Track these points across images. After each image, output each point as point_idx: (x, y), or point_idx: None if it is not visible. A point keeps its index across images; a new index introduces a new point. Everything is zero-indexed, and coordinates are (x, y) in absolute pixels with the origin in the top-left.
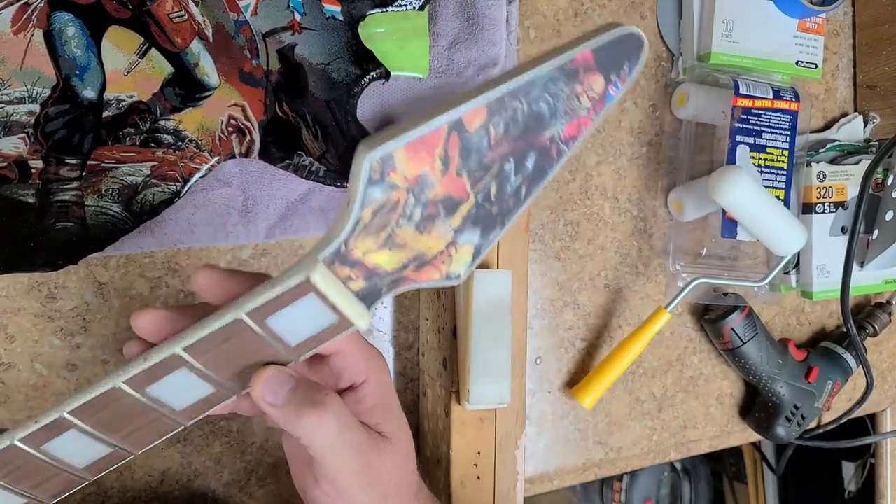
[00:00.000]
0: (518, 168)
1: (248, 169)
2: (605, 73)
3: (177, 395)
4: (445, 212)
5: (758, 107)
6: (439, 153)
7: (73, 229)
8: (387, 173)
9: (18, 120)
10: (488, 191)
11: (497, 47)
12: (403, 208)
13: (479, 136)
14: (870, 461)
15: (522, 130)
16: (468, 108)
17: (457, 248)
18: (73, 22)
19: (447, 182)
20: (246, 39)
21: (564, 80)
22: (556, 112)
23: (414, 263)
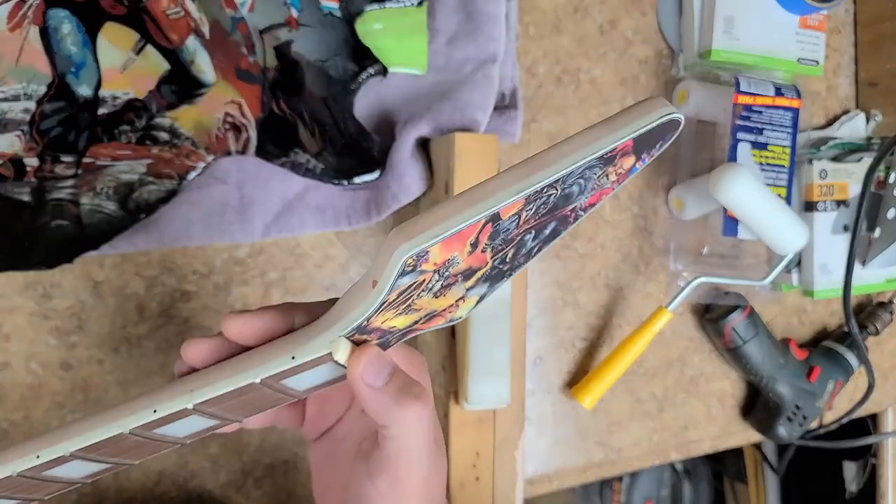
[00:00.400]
0: (537, 235)
1: (244, 166)
2: (637, 154)
3: (182, 430)
4: (463, 279)
5: (759, 104)
6: (471, 240)
7: (69, 228)
8: (420, 265)
9: (14, 117)
10: (505, 256)
11: (496, 43)
12: (426, 285)
13: (510, 221)
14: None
15: (551, 209)
16: (509, 202)
17: (465, 300)
18: (69, 18)
19: (471, 259)
20: (242, 36)
21: (601, 166)
22: (585, 190)
23: (425, 318)
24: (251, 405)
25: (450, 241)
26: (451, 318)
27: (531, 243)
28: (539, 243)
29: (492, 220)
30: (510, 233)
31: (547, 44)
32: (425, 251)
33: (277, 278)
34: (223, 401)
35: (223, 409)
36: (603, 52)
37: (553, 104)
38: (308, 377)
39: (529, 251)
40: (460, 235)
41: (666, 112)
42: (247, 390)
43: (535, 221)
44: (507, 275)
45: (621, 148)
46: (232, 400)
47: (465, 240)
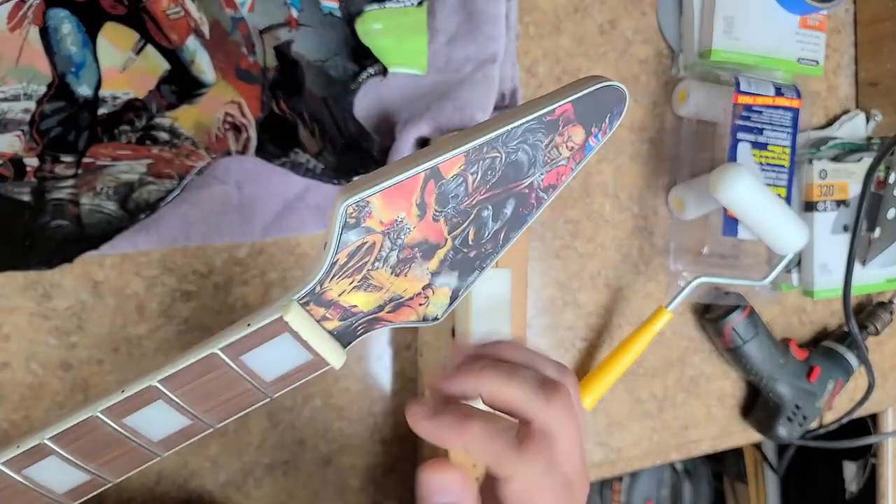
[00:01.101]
0: (496, 214)
1: (244, 166)
2: (585, 125)
3: (154, 426)
4: (422, 256)
5: (759, 104)
6: (416, 199)
7: (69, 227)
8: (363, 219)
9: (14, 117)
10: (466, 236)
11: (496, 43)
12: (379, 251)
13: (455, 183)
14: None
15: (500, 178)
16: (445, 157)
17: (434, 291)
18: (69, 18)
19: (424, 227)
20: (242, 36)
21: (544, 130)
22: (536, 161)
23: (390, 305)
24: (221, 399)
25: (391, 194)
26: (425, 316)
27: (493, 224)
28: (504, 227)
29: (434, 178)
30: (461, 200)
31: (547, 44)
32: (366, 201)
33: (277, 278)
34: (188, 381)
35: (191, 398)
36: (603, 52)
37: None
38: (271, 355)
39: (496, 236)
40: (402, 189)
41: (601, 81)
42: (209, 366)
43: (488, 192)
44: (477, 265)
45: (560, 111)
46: (196, 381)
47: (409, 196)
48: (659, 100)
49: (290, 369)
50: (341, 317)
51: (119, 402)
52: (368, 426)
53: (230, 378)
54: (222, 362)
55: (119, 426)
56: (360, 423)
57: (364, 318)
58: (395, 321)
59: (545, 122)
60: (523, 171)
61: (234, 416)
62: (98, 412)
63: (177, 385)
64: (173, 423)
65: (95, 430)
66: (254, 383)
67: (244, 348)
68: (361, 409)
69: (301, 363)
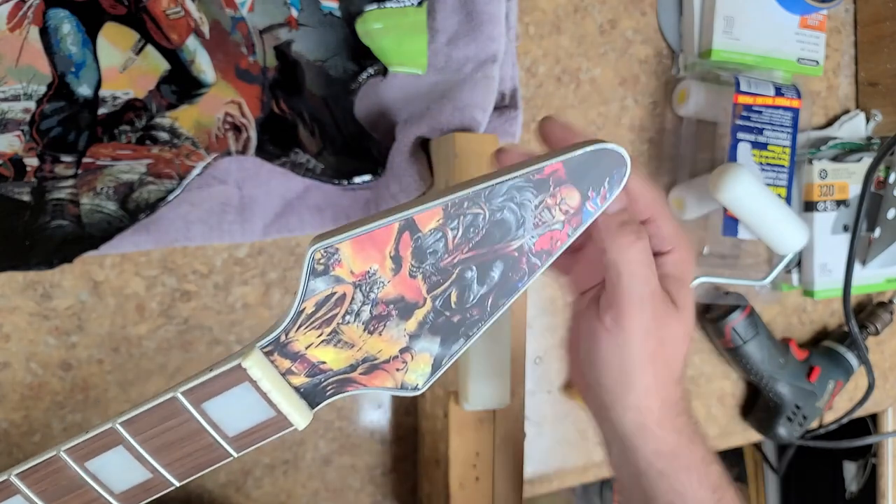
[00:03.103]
0: (482, 277)
1: (244, 166)
2: (580, 188)
3: (115, 475)
4: (399, 314)
5: (759, 104)
6: (390, 251)
7: (69, 227)
8: (332, 266)
9: (14, 117)
10: (448, 298)
11: (496, 43)
12: (350, 304)
13: (433, 238)
14: (871, 461)
15: (485, 238)
16: (421, 209)
17: (413, 356)
18: (69, 18)
19: (399, 283)
20: (242, 36)
21: (532, 190)
22: (525, 223)
23: (364, 366)
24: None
25: (362, 243)
26: (404, 384)
27: (478, 287)
28: (491, 292)
29: (409, 230)
30: (440, 257)
31: (547, 44)
32: (335, 248)
33: (277, 278)
34: (149, 426)
35: (153, 446)
36: (603, 52)
37: (553, 104)
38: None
39: (482, 301)
40: (374, 239)
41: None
42: (170, 412)
43: (471, 251)
44: (462, 332)
45: (550, 171)
46: (158, 426)
47: (382, 247)
48: (659, 100)
49: (254, 425)
50: (308, 372)
51: (82, 442)
52: (368, 426)
53: (192, 429)
54: (183, 408)
55: (81, 469)
56: (359, 423)
57: (334, 378)
58: (370, 385)
59: (533, 180)
60: (510, 232)
61: (196, 474)
62: (62, 451)
63: (138, 430)
64: (135, 475)
65: (59, 472)
66: (216, 437)
67: (205, 395)
68: (361, 408)
69: (264, 419)
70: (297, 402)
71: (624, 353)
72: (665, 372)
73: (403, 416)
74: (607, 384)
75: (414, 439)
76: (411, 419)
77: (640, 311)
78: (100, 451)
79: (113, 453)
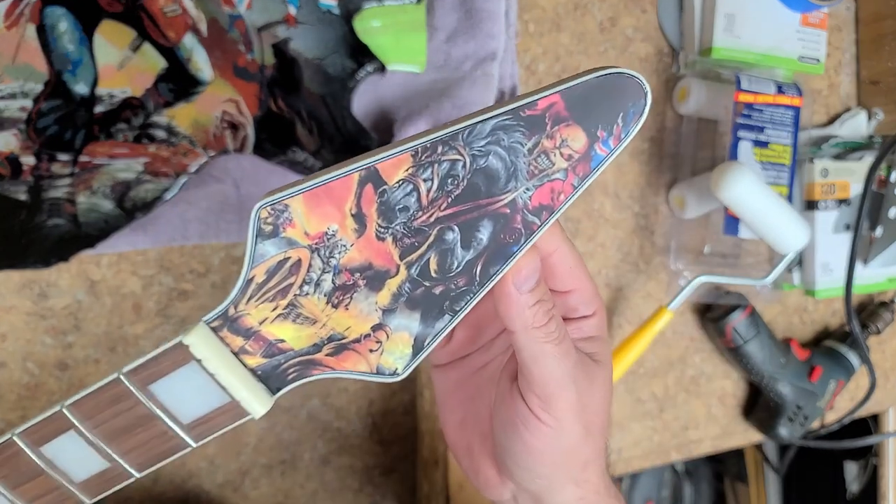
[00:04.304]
0: (467, 240)
1: (242, 165)
2: (585, 126)
3: (73, 463)
4: (367, 285)
5: (760, 102)
6: (350, 208)
7: (65, 226)
8: (282, 227)
9: (10, 116)
10: (426, 264)
11: (496, 41)
12: (308, 273)
13: (402, 192)
14: (872, 461)
15: (467, 191)
16: (384, 156)
17: (388, 335)
18: (66, 16)
19: (365, 246)
20: (240, 33)
21: (523, 129)
22: (517, 171)
23: (330, 345)
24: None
25: (317, 198)
26: (380, 368)
27: (462, 252)
28: (479, 258)
29: (371, 181)
30: (412, 215)
31: (547, 41)
32: (284, 204)
33: None
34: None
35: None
36: (603, 50)
37: None
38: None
39: (469, 269)
40: (330, 194)
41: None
42: (117, 396)
43: (450, 207)
44: (447, 307)
45: (545, 104)
46: (106, 411)
47: (341, 203)
48: (659, 98)
49: (208, 411)
50: (265, 352)
51: (33, 425)
52: (367, 426)
53: (142, 414)
54: (129, 391)
55: (36, 455)
56: (358, 423)
57: (296, 359)
58: (339, 368)
59: (524, 117)
60: (499, 184)
61: (156, 465)
62: (15, 434)
63: (86, 414)
64: (92, 463)
65: (17, 457)
66: (169, 423)
67: (150, 376)
68: (360, 409)
69: (218, 405)
70: (254, 385)
71: (560, 437)
72: (599, 439)
73: (402, 416)
74: (543, 471)
75: (413, 439)
76: (410, 419)
77: (566, 392)
78: (52, 435)
79: (66, 438)
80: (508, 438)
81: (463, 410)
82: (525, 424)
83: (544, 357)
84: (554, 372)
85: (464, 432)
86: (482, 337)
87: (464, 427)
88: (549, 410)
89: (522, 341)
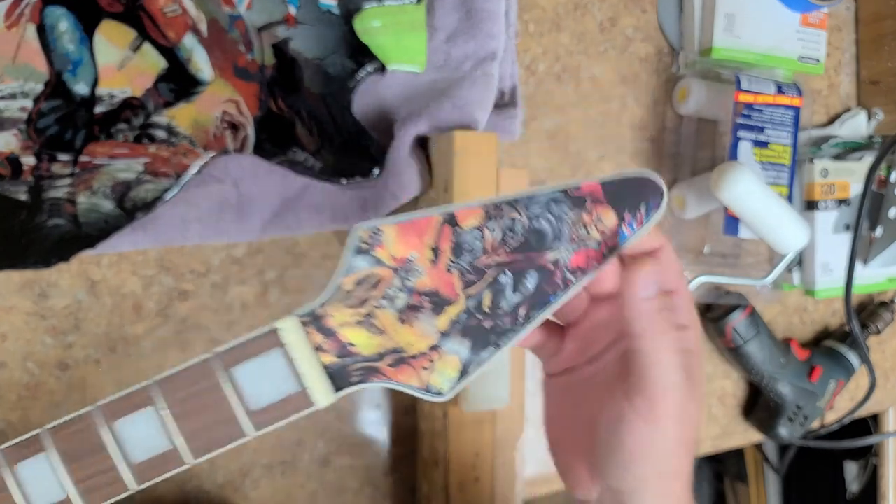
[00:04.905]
0: (517, 284)
1: (242, 165)
2: (616, 209)
3: (137, 441)
4: (432, 308)
5: (760, 102)
6: (429, 242)
7: (65, 227)
8: (374, 247)
9: (10, 116)
10: (480, 299)
11: (496, 41)
12: (387, 289)
13: (472, 235)
14: (872, 461)
15: (522, 244)
16: (464, 205)
17: (440, 355)
18: (66, 16)
19: (436, 275)
20: (240, 34)
21: (569, 204)
22: (561, 235)
23: (391, 356)
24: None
25: (406, 229)
26: (429, 385)
27: (511, 295)
28: (525, 303)
29: (450, 223)
30: (476, 255)
31: (547, 41)
32: (379, 229)
33: (275, 277)
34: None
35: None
36: (603, 50)
37: (553, 102)
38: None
39: (515, 311)
40: (416, 227)
41: (637, 172)
42: (203, 373)
43: (507, 255)
44: (493, 341)
45: (588, 190)
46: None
47: (422, 235)
48: (659, 98)
49: (277, 399)
50: (338, 352)
51: (116, 399)
52: (367, 427)
53: (217, 396)
54: (212, 370)
55: (109, 429)
56: (358, 423)
57: (361, 363)
58: (395, 379)
59: (571, 196)
60: (546, 242)
61: (212, 451)
62: (96, 406)
63: (170, 389)
64: (156, 443)
65: (87, 431)
66: (237, 408)
67: (236, 358)
68: (360, 409)
69: (288, 393)
70: (323, 379)
71: (657, 439)
72: (688, 455)
73: (402, 416)
74: (635, 471)
75: (413, 440)
76: (410, 419)
77: (673, 399)
78: (129, 410)
79: (141, 415)
80: (610, 434)
81: (566, 415)
82: (627, 423)
83: (659, 361)
84: (665, 376)
85: (563, 433)
86: (590, 349)
87: (564, 429)
88: (653, 411)
89: (642, 344)
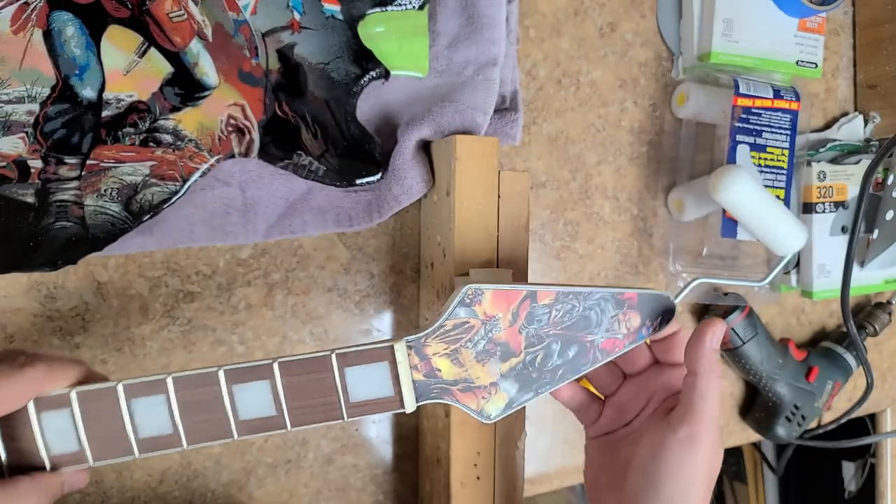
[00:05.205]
0: (562, 352)
1: (247, 168)
2: (642, 315)
3: (249, 403)
4: (500, 355)
5: (758, 106)
6: (513, 308)
7: (73, 229)
8: (474, 303)
9: (18, 119)
10: (535, 357)
11: (497, 46)
12: (473, 335)
13: (543, 311)
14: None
15: (573, 325)
16: (545, 287)
17: (497, 391)
18: (73, 21)
19: (510, 333)
20: (245, 39)
21: (613, 304)
22: (601, 325)
23: (463, 384)
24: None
25: (499, 297)
26: (482, 411)
27: (556, 359)
28: (563, 367)
29: (530, 298)
30: (542, 326)
31: (547, 46)
32: (482, 291)
33: (280, 279)
34: (299, 370)
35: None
36: (603, 55)
37: (553, 107)
38: (366, 377)
39: (555, 370)
40: (507, 296)
41: (661, 292)
42: (319, 366)
43: (561, 330)
44: (534, 388)
45: (629, 296)
46: (303, 376)
47: (510, 303)
48: (658, 102)
49: (374, 398)
50: (426, 373)
51: (241, 368)
52: (370, 426)
53: (327, 385)
54: (331, 365)
55: (227, 390)
56: (361, 422)
57: (441, 385)
58: (460, 401)
59: (616, 299)
60: (590, 327)
61: (308, 425)
62: (221, 369)
63: (287, 371)
64: (264, 408)
65: (208, 387)
66: (340, 398)
67: (352, 360)
68: None
69: (384, 396)
70: (412, 390)
71: (692, 465)
72: (709, 491)
73: (405, 415)
74: (666, 492)
75: (415, 438)
76: (412, 418)
77: (709, 431)
78: (251, 378)
79: (257, 385)
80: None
81: (603, 466)
82: (667, 448)
83: (711, 397)
84: (711, 412)
85: (599, 479)
86: (624, 416)
87: (600, 473)
88: (694, 439)
89: (698, 382)
